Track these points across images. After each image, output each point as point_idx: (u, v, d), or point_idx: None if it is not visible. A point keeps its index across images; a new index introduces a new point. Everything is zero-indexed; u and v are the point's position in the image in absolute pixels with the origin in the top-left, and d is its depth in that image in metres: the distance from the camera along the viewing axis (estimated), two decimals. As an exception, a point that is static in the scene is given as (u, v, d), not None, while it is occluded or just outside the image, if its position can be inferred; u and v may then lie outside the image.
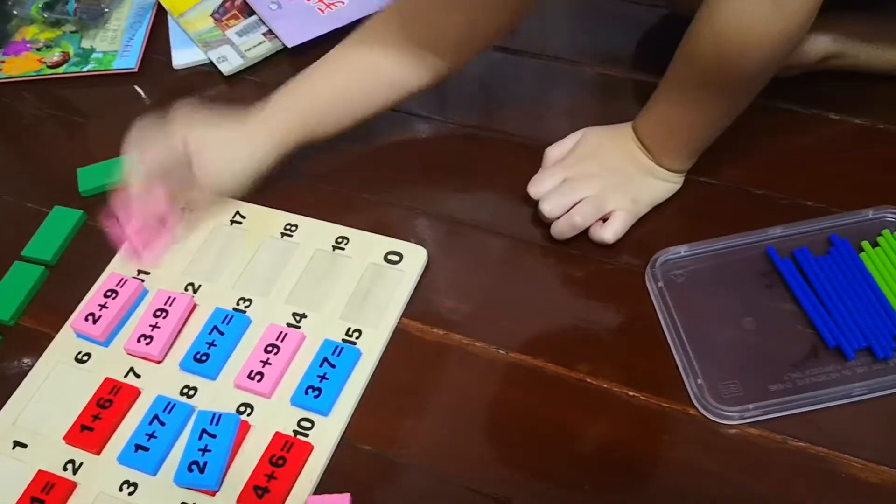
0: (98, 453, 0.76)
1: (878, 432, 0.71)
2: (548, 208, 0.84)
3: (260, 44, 1.09)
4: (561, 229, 0.84)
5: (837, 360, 0.75)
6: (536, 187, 0.86)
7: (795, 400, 0.72)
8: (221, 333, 0.81)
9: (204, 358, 0.79)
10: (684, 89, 0.81)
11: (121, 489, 0.73)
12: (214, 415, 0.75)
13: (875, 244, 0.80)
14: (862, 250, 0.80)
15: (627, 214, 0.84)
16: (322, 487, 0.72)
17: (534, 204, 0.86)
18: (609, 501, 0.70)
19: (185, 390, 0.79)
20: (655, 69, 0.83)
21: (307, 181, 0.94)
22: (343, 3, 1.11)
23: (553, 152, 0.88)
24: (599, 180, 0.84)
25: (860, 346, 0.75)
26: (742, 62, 0.76)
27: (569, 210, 0.84)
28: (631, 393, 0.75)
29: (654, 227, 0.85)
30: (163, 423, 0.76)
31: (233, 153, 0.87)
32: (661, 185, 0.86)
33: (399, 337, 0.81)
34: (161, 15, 1.16)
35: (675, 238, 0.82)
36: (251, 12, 1.12)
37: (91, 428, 0.76)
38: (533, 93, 1.00)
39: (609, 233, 0.83)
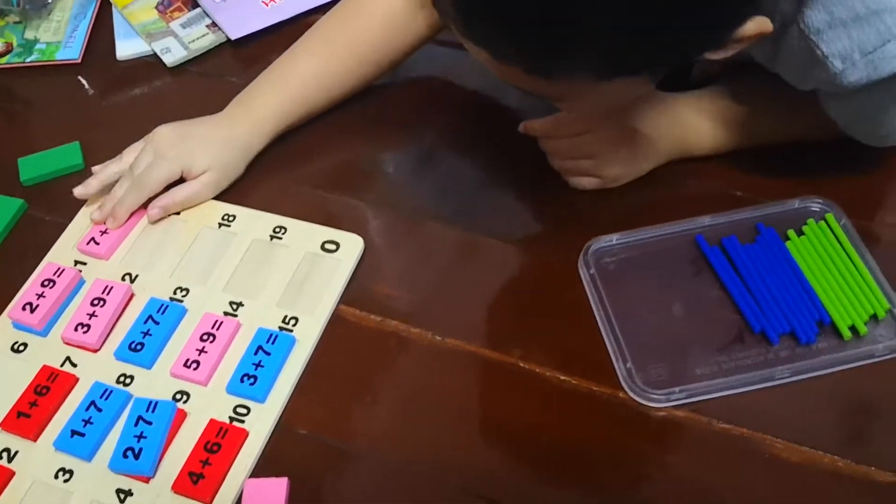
0: (35, 440, 0.76)
1: (799, 414, 0.73)
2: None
3: (203, 35, 1.09)
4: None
5: (762, 344, 0.77)
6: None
7: (721, 383, 0.74)
8: (157, 323, 0.81)
9: (139, 347, 0.80)
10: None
11: (56, 476, 0.74)
12: (151, 402, 0.75)
13: (800, 233, 0.82)
14: (788, 239, 0.82)
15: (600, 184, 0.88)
16: (259, 473, 0.73)
17: (467, 193, 0.87)
18: (540, 482, 0.72)
19: (122, 378, 0.79)
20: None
21: (246, 171, 0.94)
22: (286, -5, 1.11)
23: None
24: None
25: (784, 331, 0.77)
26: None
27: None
28: (562, 377, 0.76)
29: (587, 216, 0.87)
30: (99, 410, 0.76)
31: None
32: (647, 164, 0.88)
33: (336, 324, 0.82)
34: (105, 6, 1.16)
35: (608, 227, 0.84)
36: (195, 4, 1.12)
37: (28, 415, 0.77)
38: (473, 87, 1.01)
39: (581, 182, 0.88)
